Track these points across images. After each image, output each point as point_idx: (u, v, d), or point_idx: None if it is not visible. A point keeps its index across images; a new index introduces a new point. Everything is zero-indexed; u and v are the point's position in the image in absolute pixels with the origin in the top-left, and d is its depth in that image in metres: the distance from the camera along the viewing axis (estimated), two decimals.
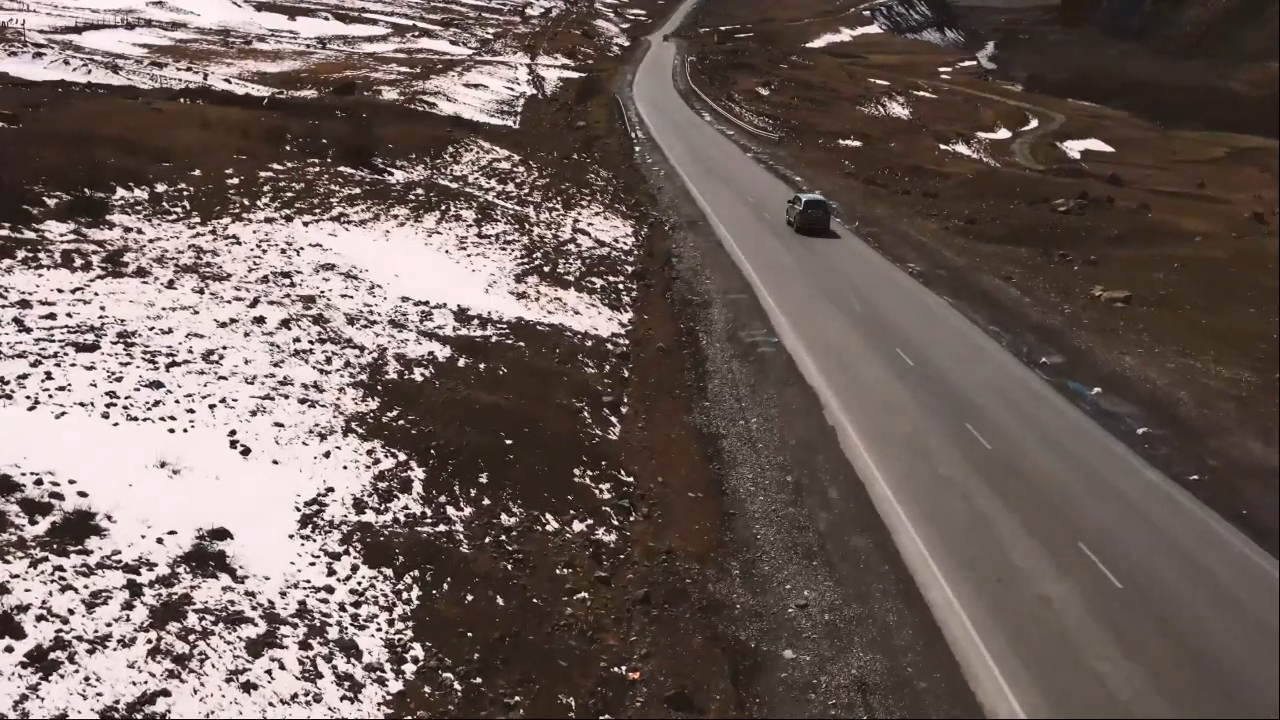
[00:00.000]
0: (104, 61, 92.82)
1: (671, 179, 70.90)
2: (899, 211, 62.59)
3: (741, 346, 37.18)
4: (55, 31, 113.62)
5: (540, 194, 51.87)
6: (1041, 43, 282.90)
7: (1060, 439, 29.39)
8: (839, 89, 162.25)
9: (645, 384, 32.96)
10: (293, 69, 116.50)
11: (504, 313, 34.58)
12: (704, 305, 42.05)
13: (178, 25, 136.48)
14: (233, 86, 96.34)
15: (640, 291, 42.32)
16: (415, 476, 22.76)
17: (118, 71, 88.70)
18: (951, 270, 48.75)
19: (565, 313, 36.74)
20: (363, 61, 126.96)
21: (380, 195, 41.83)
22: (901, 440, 28.90)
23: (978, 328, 39.70)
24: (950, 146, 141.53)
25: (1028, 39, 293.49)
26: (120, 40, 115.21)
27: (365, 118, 55.83)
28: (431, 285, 34.62)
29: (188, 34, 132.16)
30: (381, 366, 27.39)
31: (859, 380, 33.48)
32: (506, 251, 40.60)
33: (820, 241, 53.02)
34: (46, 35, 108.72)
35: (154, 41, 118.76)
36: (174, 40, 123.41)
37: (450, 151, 52.83)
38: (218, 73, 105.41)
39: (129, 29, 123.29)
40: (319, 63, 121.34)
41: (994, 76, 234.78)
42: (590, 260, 43.45)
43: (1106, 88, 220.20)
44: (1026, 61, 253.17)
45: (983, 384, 33.43)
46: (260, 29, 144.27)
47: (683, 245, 51.87)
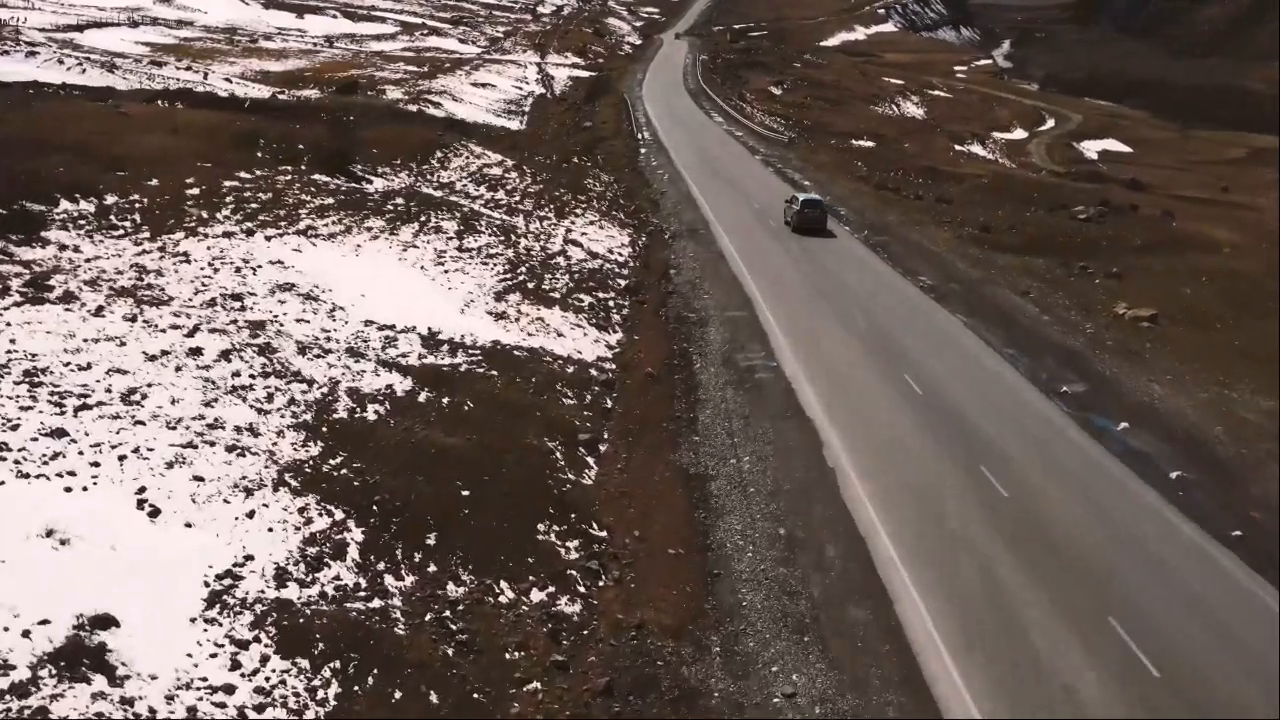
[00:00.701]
0: (100, 60, 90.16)
1: (675, 182, 67.82)
2: (911, 218, 59.37)
3: (738, 371, 34.11)
4: (57, 30, 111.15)
5: (532, 201, 48.87)
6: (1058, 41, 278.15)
7: (1085, 485, 26.21)
8: (852, 88, 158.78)
9: (629, 416, 29.93)
10: (297, 68, 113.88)
11: (479, 336, 31.61)
12: (700, 323, 38.99)
13: (184, 23, 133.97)
14: (232, 86, 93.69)
15: (632, 309, 39.29)
16: (352, 539, 19.81)
17: (113, 71, 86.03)
18: (965, 284, 45.55)
19: (547, 334, 33.74)
20: (369, 60, 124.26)
21: (355, 205, 38.90)
22: (908, 486, 25.79)
23: (993, 350, 36.52)
24: (965, 147, 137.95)
25: (1044, 37, 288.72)
26: (123, 39, 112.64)
27: (352, 120, 52.92)
28: (401, 306, 31.67)
29: (193, 32, 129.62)
30: (330, 404, 24.45)
31: (863, 412, 30.38)
32: (488, 266, 37.62)
33: (827, 252, 49.90)
34: (47, 34, 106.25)
35: (157, 40, 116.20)
36: (178, 39, 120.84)
37: (438, 156, 49.87)
38: (219, 71, 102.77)
39: (133, 27, 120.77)
40: (324, 61, 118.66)
41: (1010, 75, 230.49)
42: (580, 274, 40.43)
43: (1123, 87, 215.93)
44: (1042, 60, 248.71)
45: (999, 417, 30.27)
46: (268, 27, 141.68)
47: (682, 256, 48.81)
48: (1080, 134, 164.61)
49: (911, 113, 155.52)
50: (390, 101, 74.16)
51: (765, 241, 51.72)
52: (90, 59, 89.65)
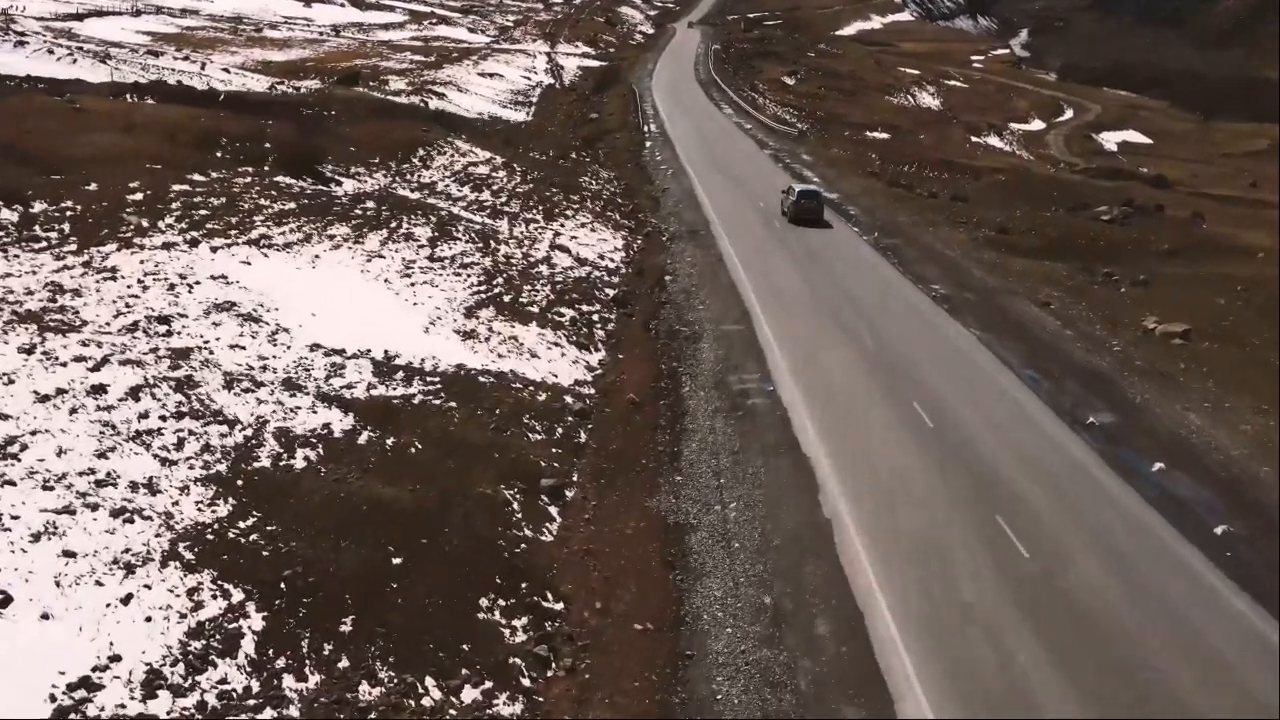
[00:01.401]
0: (94, 51, 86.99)
1: (679, 179, 64.28)
2: (924, 218, 55.65)
3: (730, 396, 30.64)
4: (56, 19, 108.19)
5: (519, 203, 45.40)
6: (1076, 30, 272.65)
7: (1117, 543, 22.63)
8: (867, 78, 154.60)
9: (605, 452, 26.50)
10: (300, 58, 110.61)
11: (441, 359, 28.21)
12: (693, 339, 35.51)
13: (189, 12, 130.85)
14: (230, 76, 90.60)
15: (618, 323, 35.84)
16: (249, 627, 16.46)
17: (105, 61, 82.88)
18: (981, 293, 41.89)
19: (519, 356, 30.32)
20: (375, 50, 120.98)
21: (319, 211, 35.52)
22: (915, 543, 22.28)
23: (1010, 372, 32.92)
24: (982, 139, 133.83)
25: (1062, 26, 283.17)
26: (123, 28, 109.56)
27: (332, 115, 49.54)
28: (356, 326, 28.29)
29: (198, 21, 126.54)
30: (252, 449, 21.11)
31: (865, 448, 26.85)
32: (461, 277, 34.20)
33: (834, 256, 46.30)
34: (45, 23, 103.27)
35: (159, 29, 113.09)
36: (181, 28, 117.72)
37: (420, 155, 46.42)
38: (218, 62, 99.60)
39: (135, 16, 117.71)
40: (329, 51, 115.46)
41: (1027, 65, 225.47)
42: (564, 285, 36.97)
43: (1142, 77, 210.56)
44: (1061, 49, 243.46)
45: (1018, 455, 26.69)
46: (274, 16, 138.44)
47: (679, 260, 45.30)
48: (1099, 125, 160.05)
49: (927, 103, 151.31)
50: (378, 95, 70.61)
51: (769, 244, 48.15)
52: (83, 49, 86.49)
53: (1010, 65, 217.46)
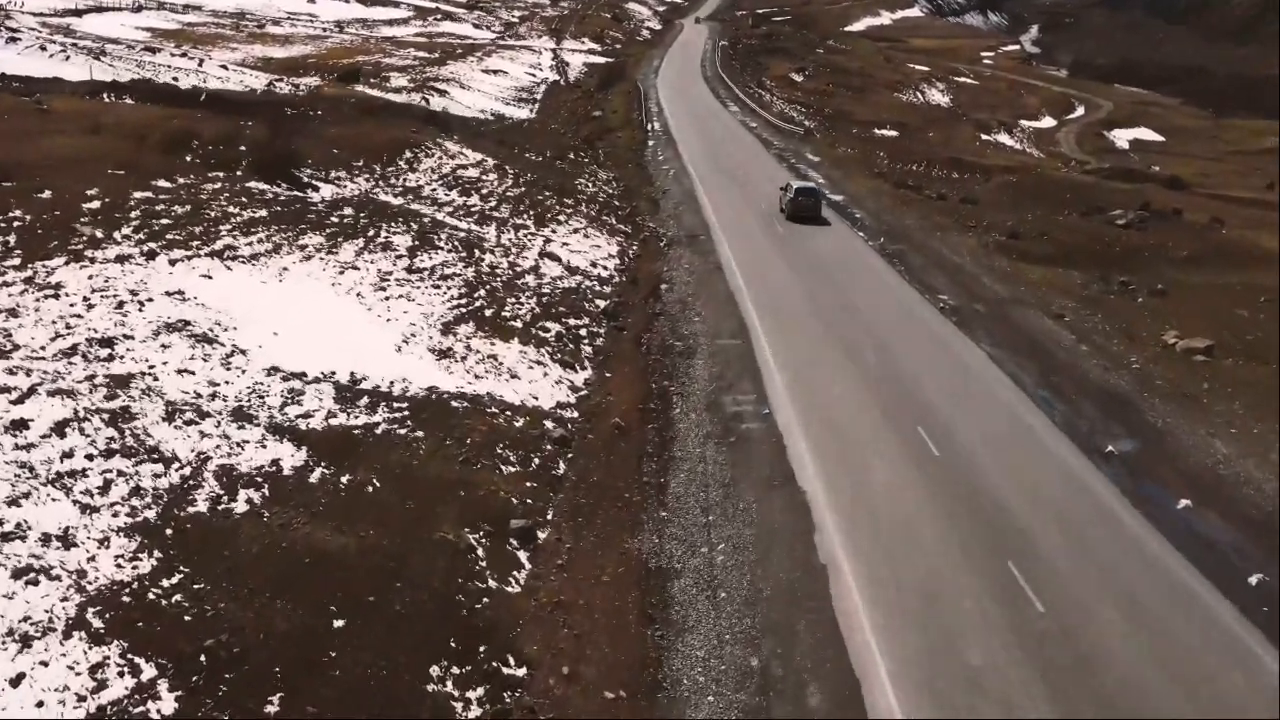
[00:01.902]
0: (89, 47, 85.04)
1: (680, 180, 62.08)
2: (932, 222, 53.34)
3: (723, 419, 28.48)
4: (54, 14, 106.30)
5: (509, 207, 43.20)
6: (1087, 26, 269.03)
7: (1142, 595, 20.38)
8: (876, 75, 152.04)
9: (584, 485, 24.35)
10: (301, 54, 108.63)
11: (413, 381, 26.08)
12: (686, 354, 33.35)
13: (191, 8, 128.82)
14: (228, 73, 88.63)
15: (608, 338, 33.67)
16: (158, 711, 14.36)
17: (99, 58, 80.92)
18: (991, 304, 39.61)
19: (498, 376, 28.17)
20: (379, 46, 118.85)
21: (292, 219, 33.38)
22: (919, 595, 20.07)
23: (1023, 393, 30.66)
24: (992, 136, 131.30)
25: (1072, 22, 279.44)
26: (123, 23, 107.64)
27: (319, 114, 47.41)
28: (321, 346, 26.17)
29: (200, 17, 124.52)
30: (189, 492, 19.01)
31: (867, 481, 24.64)
32: (440, 290, 32.05)
33: (837, 264, 44.05)
34: (42, 18, 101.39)
35: (159, 25, 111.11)
36: (182, 24, 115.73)
37: (407, 157, 44.23)
38: (217, 58, 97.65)
39: (136, 11, 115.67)
40: (331, 47, 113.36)
41: (1038, 61, 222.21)
42: (550, 296, 34.80)
43: (1154, 73, 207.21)
44: (1071, 45, 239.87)
45: (1031, 490, 24.44)
46: (278, 11, 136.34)
47: (676, 268, 43.11)
48: (1111, 122, 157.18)
49: (937, 100, 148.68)
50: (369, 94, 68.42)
51: (770, 249, 45.94)
52: (77, 45, 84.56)
53: (1020, 62, 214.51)
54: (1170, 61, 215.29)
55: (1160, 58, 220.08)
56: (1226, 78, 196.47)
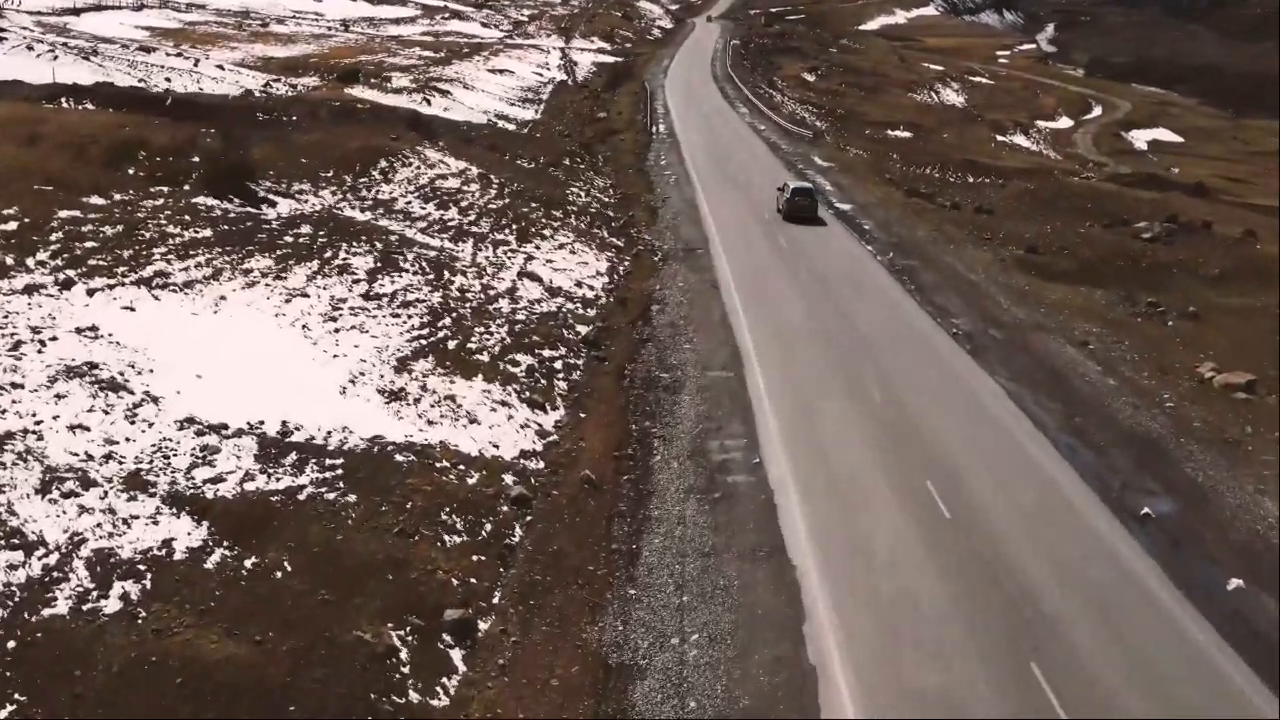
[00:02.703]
0: (80, 47, 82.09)
1: (681, 186, 58.61)
2: (945, 234, 49.71)
3: (708, 469, 25.06)
4: (53, 13, 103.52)
5: (490, 221, 39.77)
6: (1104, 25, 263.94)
7: (1193, 707, 16.90)
8: (890, 75, 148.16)
9: (541, 556, 20.96)
10: (303, 54, 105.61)
11: (355, 430, 22.74)
12: (673, 389, 29.90)
13: (194, 6, 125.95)
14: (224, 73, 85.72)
15: (587, 371, 30.23)
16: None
17: (89, 59, 78.01)
18: (1008, 329, 36.03)
19: (455, 422, 24.79)
20: (383, 45, 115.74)
21: (240, 239, 30.07)
22: (926, 709, 16.64)
23: (1045, 437, 27.10)
24: (1008, 137, 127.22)
25: (1089, 21, 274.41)
26: (122, 23, 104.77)
27: (294, 120, 44.09)
28: (253, 389, 22.85)
29: (204, 15, 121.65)
30: (50, 587, 15.73)
31: (867, 552, 21.17)
32: (400, 319, 28.68)
33: (843, 283, 40.51)
34: (37, 18, 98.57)
35: (160, 24, 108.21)
36: (183, 23, 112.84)
37: (382, 167, 40.82)
38: (215, 58, 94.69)
39: (137, 10, 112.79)
40: (334, 47, 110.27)
41: (1054, 60, 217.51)
42: (525, 324, 31.38)
43: (1172, 72, 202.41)
44: (1088, 44, 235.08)
45: (1057, 564, 20.92)
46: (284, 10, 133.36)
47: (669, 286, 39.66)
48: (1128, 122, 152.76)
49: (951, 101, 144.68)
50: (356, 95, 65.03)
51: (772, 265, 42.44)
52: (68, 46, 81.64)
53: (1036, 61, 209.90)
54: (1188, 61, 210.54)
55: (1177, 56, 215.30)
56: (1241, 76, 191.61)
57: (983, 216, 54.46)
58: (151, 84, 76.56)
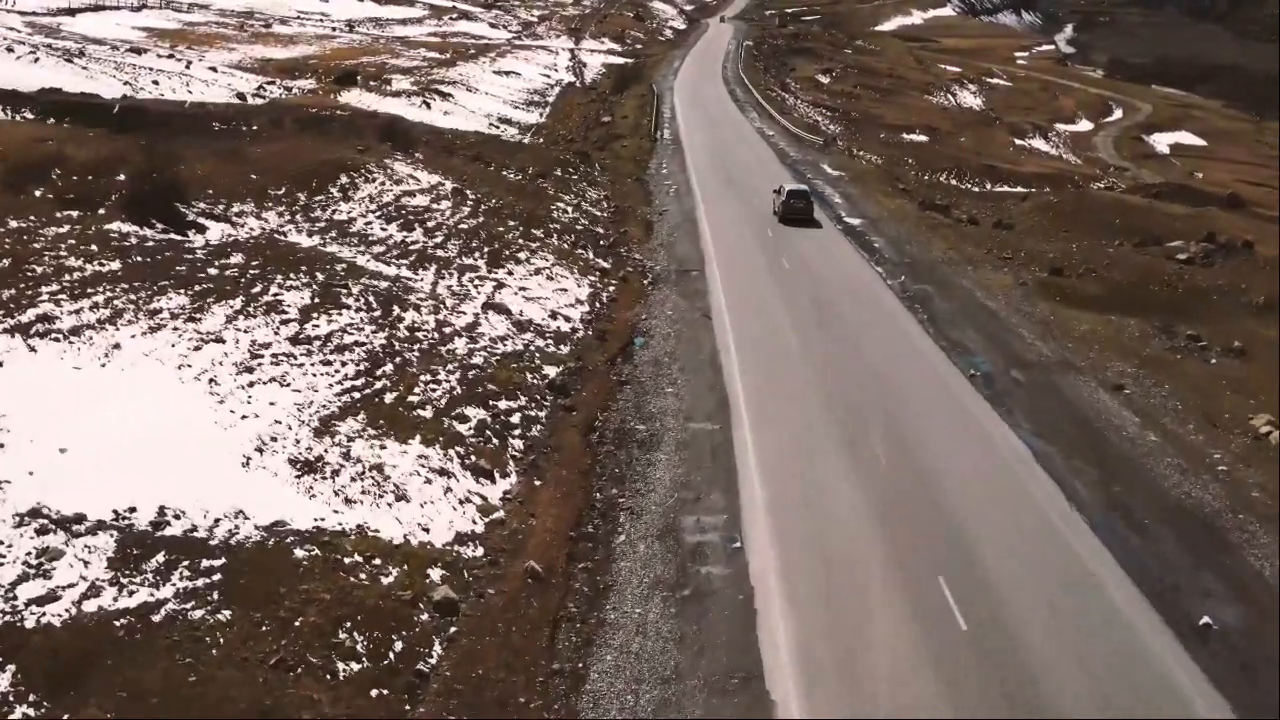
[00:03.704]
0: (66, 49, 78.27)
1: (682, 198, 54.34)
2: (962, 253, 45.23)
3: (680, 555, 20.80)
4: (47, 13, 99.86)
5: (459, 244, 35.47)
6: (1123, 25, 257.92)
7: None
8: (906, 76, 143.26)
9: (461, 685, 16.66)
10: (303, 55, 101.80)
11: (251, 516, 18.56)
12: (648, 446, 25.63)
13: (197, 6, 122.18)
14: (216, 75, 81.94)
15: (550, 424, 25.93)
16: None
17: (72, 61, 74.20)
18: (1033, 369, 31.58)
19: (379, 498, 20.56)
20: (387, 46, 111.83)
21: (153, 272, 25.90)
22: None
23: (1080, 516, 22.68)
24: (1026, 141, 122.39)
25: (1108, 21, 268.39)
26: (119, 23, 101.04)
27: (254, 129, 39.95)
28: (128, 466, 18.68)
29: (206, 16, 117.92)
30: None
31: (866, 680, 16.84)
32: (332, 367, 24.48)
33: (850, 311, 36.17)
34: (31, 18, 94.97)
35: (158, 25, 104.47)
36: (183, 23, 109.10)
37: (342, 183, 36.61)
38: (210, 60, 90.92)
39: (136, 10, 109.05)
40: (337, 48, 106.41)
41: (1073, 61, 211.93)
42: (482, 368, 27.11)
43: (1193, 73, 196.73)
44: (1107, 45, 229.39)
45: (1102, 701, 16.58)
46: (289, 10, 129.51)
47: (657, 314, 35.42)
48: (1150, 125, 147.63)
49: (969, 103, 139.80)
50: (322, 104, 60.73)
51: (771, 289, 38.10)
52: (51, 47, 77.84)
53: (1055, 62, 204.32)
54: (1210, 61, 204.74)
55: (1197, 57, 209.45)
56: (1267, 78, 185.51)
57: (1002, 232, 50.03)
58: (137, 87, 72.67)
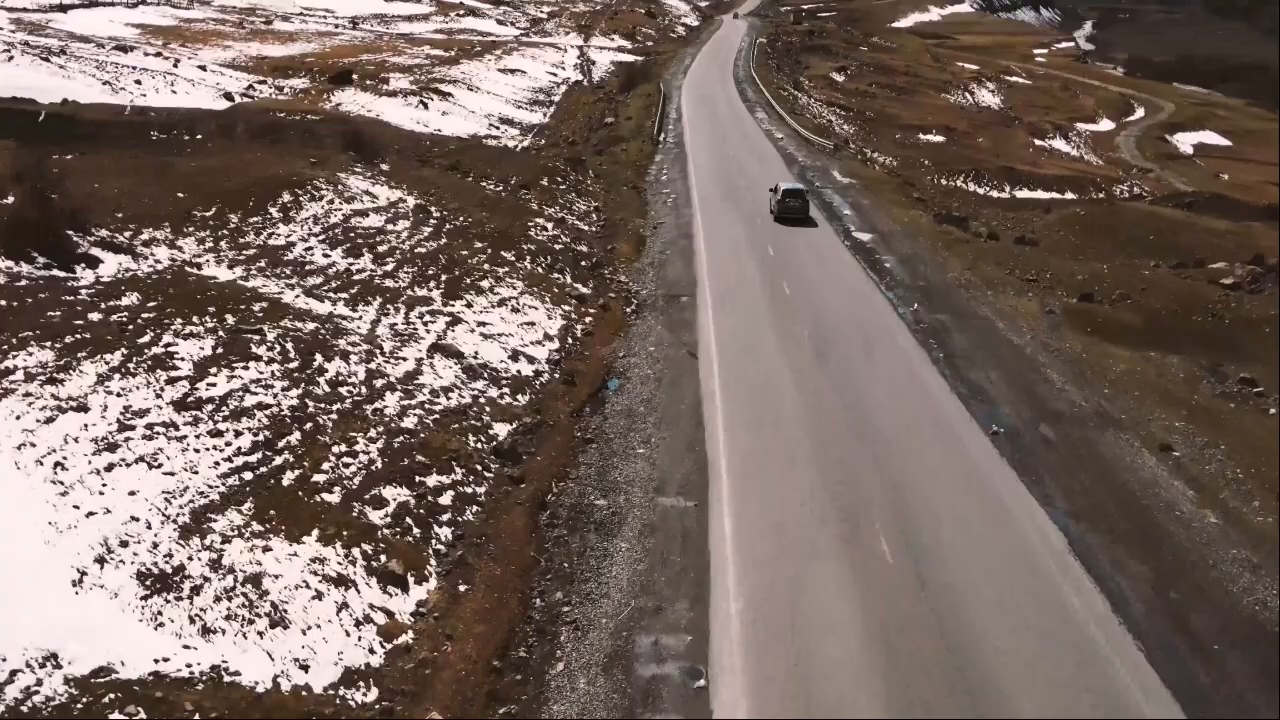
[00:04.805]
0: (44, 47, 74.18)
1: (679, 209, 49.62)
2: (981, 274, 40.34)
3: (627, 699, 16.22)
4: (39, 9, 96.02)
5: (414, 271, 30.84)
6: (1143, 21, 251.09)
7: None
8: (922, 74, 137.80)
9: None
10: (301, 53, 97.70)
11: (65, 664, 14.09)
12: (607, 529, 21.04)
13: (198, 2, 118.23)
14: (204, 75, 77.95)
15: (489, 501, 21.29)
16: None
17: (51, 59, 70.22)
18: (1065, 424, 26.76)
19: (249, 624, 16.02)
20: (390, 44, 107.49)
21: (17, 320, 21.37)
22: None
23: (1134, 643, 17.93)
24: (1046, 142, 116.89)
25: (1128, 18, 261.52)
26: (112, 20, 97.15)
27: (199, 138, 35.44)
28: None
29: (206, 12, 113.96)
30: None
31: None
32: (223, 438, 19.94)
33: (855, 346, 31.40)
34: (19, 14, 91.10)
35: (153, 22, 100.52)
36: (180, 20, 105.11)
37: (285, 201, 32.04)
38: (202, 58, 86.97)
39: (130, 7, 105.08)
40: (337, 46, 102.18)
41: (1093, 59, 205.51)
42: (414, 431, 22.50)
43: (1215, 71, 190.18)
44: (1128, 42, 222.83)
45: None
46: (294, 6, 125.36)
47: (636, 351, 30.78)
48: (1173, 125, 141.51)
49: (987, 102, 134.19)
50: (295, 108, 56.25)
51: (769, 320, 33.37)
52: (29, 45, 73.81)
53: (1075, 59, 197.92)
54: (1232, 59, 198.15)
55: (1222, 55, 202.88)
56: None
57: (1025, 249, 45.10)
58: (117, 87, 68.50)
